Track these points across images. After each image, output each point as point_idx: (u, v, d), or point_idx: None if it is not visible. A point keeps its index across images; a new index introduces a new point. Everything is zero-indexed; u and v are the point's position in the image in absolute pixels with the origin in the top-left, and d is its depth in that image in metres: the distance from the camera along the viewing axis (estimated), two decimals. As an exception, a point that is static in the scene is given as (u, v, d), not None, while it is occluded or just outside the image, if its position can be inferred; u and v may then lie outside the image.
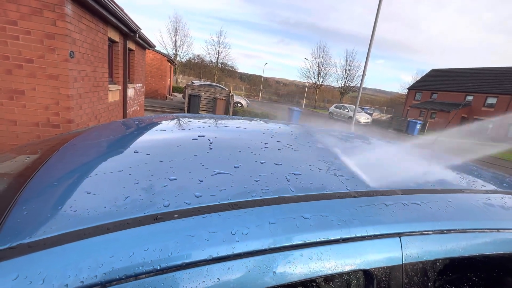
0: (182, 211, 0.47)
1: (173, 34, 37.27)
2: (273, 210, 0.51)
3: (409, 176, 0.80)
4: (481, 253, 0.63)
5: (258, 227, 0.46)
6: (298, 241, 0.46)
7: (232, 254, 0.42)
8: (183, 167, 0.66)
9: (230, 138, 0.98)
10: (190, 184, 0.57)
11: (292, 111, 14.71)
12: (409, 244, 0.55)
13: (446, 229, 0.61)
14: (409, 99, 36.72)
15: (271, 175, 0.65)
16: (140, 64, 8.95)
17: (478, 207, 0.72)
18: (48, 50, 3.60)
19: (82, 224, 0.42)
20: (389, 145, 1.34)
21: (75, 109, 4.09)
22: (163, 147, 0.81)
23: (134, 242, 0.40)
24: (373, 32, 9.48)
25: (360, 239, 0.51)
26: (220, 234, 0.44)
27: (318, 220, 0.51)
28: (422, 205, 0.65)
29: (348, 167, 0.81)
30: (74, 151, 0.78)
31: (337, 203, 0.57)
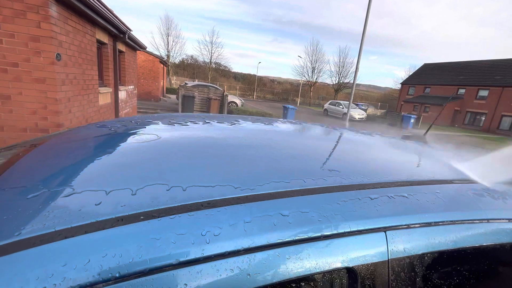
0: (148, 212, 0.44)
1: (165, 35, 37.01)
2: (249, 208, 0.48)
3: (396, 169, 0.78)
4: (471, 245, 0.61)
5: (232, 227, 0.43)
6: (275, 240, 0.43)
7: (202, 257, 0.39)
8: (151, 166, 0.62)
9: (205, 136, 0.94)
10: (159, 183, 0.54)
11: (287, 109, 14.68)
12: (395, 238, 0.52)
13: (434, 221, 0.59)
14: (402, 94, 37.04)
15: (249, 172, 0.62)
16: (131, 65, 8.84)
17: (467, 198, 0.70)
18: (33, 53, 3.51)
19: (34, 231, 0.38)
20: (376, 138, 1.32)
21: (64, 113, 4.01)
22: (131, 147, 0.77)
23: (91, 248, 0.37)
24: (365, 28, 9.51)
25: (343, 235, 0.48)
26: (189, 236, 0.41)
27: (297, 217, 0.48)
28: (409, 197, 0.62)
29: (331, 161, 0.78)
30: (31, 158, 0.74)
31: (319, 198, 0.54)
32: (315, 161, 0.77)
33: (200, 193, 0.51)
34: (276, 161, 0.72)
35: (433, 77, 34.23)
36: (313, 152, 0.88)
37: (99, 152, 0.73)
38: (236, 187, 0.55)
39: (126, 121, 1.10)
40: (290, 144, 0.93)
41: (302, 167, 0.69)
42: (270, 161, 0.72)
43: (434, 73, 34.57)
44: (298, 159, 0.77)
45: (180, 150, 0.75)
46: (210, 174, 0.60)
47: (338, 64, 43.35)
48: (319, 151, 0.90)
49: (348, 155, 0.90)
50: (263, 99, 42.89)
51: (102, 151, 0.74)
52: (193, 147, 0.79)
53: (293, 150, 0.85)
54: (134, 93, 9.60)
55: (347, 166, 0.74)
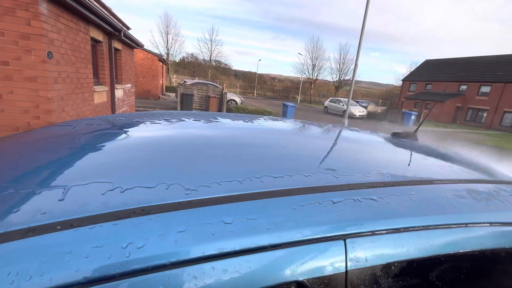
0: (68, 222, 0.39)
1: (164, 33, 36.84)
2: (187, 215, 0.43)
3: (371, 168, 0.72)
4: (445, 252, 0.56)
5: (161, 238, 0.39)
6: (210, 252, 0.39)
7: (118, 273, 0.34)
8: (76, 170, 0.57)
9: (167, 134, 0.89)
10: (91, 188, 0.49)
11: (287, 107, 14.59)
12: (356, 247, 0.47)
13: (404, 227, 0.53)
14: (403, 91, 36.78)
15: (193, 174, 0.57)
16: (128, 64, 8.78)
17: (445, 200, 0.65)
18: (24, 51, 3.47)
19: None
20: (359, 134, 1.26)
21: (57, 111, 3.97)
22: (79, 147, 0.72)
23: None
24: (363, 25, 9.39)
25: (294, 244, 0.43)
26: (106, 249, 0.36)
27: (242, 225, 0.43)
28: (378, 200, 0.57)
29: (300, 160, 0.73)
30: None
31: (272, 202, 0.49)
32: (283, 160, 0.72)
33: (138, 198, 0.46)
34: (235, 161, 0.67)
35: (434, 73, 33.94)
36: (284, 150, 0.82)
37: (32, 153, 0.67)
38: (186, 190, 0.50)
39: (96, 119, 1.05)
40: (259, 142, 0.88)
41: (265, 167, 0.64)
42: (229, 160, 0.67)
43: (436, 70, 34.28)
44: (263, 158, 0.71)
45: (132, 150, 0.70)
46: (156, 175, 0.55)
47: (338, 61, 43.10)
48: (290, 149, 0.85)
49: (321, 154, 0.85)
50: (264, 96, 42.74)
51: (38, 152, 0.69)
52: (149, 146, 0.74)
53: (260, 149, 0.80)
54: (132, 91, 9.55)
55: (317, 165, 0.69)
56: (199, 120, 1.12)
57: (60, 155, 0.66)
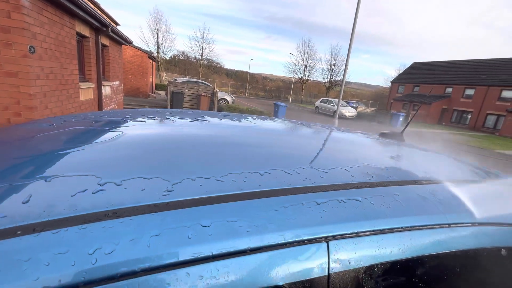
0: (29, 226, 0.36)
1: (154, 30, 36.22)
2: (162, 218, 0.41)
3: (357, 169, 0.72)
4: (429, 253, 0.55)
5: (132, 242, 0.36)
6: (186, 257, 0.36)
7: (82, 282, 0.31)
8: (45, 169, 0.53)
9: (148, 132, 0.86)
10: (61, 189, 0.46)
11: (278, 107, 14.61)
12: (339, 249, 0.46)
13: (388, 228, 0.53)
14: (392, 92, 37.57)
15: (172, 174, 0.54)
16: (116, 60, 8.57)
17: (428, 200, 0.65)
18: (3, 45, 3.31)
19: None
20: (346, 135, 1.26)
21: (39, 108, 3.82)
22: (53, 144, 0.68)
23: None
24: (354, 27, 9.51)
25: (274, 247, 0.42)
26: (70, 256, 0.33)
27: (220, 228, 0.41)
28: (362, 201, 0.56)
29: (284, 160, 0.72)
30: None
31: (254, 204, 0.48)
32: (267, 160, 0.70)
33: (110, 199, 0.43)
34: (217, 160, 0.65)
35: (422, 75, 34.83)
36: (269, 149, 0.81)
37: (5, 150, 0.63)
38: (164, 191, 0.47)
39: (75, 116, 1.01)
40: (243, 141, 0.86)
41: (248, 167, 0.62)
42: (210, 159, 0.65)
43: (423, 72, 35.19)
44: (247, 158, 0.69)
45: (107, 148, 0.67)
46: (133, 175, 0.52)
47: (329, 62, 43.58)
48: (276, 148, 0.84)
49: (307, 154, 0.83)
50: (255, 96, 42.72)
51: (4, 149, 0.64)
52: (127, 144, 0.71)
53: (244, 148, 0.78)
54: (120, 88, 9.33)
55: (303, 165, 0.68)
56: (185, 119, 1.09)
57: (27, 153, 0.62)
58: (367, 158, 0.90)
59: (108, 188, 0.47)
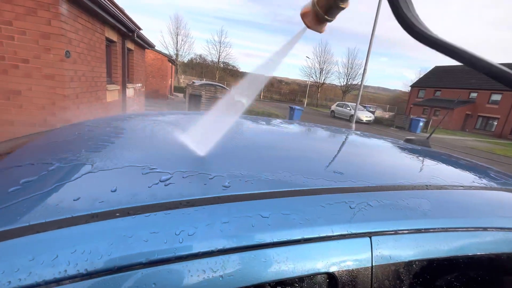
0: (124, 210, 0.44)
1: (174, 34, 37.40)
2: (228, 208, 0.47)
3: (389, 172, 0.76)
4: (464, 254, 0.59)
5: (208, 227, 0.43)
6: (252, 242, 0.43)
7: (173, 256, 0.38)
8: (130, 163, 0.62)
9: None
10: (138, 181, 0.54)
11: (293, 110, 14.61)
12: (380, 244, 0.51)
13: (425, 228, 0.57)
14: (412, 97, 36.42)
15: (233, 172, 0.62)
16: (140, 64, 8.96)
17: (462, 204, 0.68)
18: (43, 50, 3.59)
19: (7, 225, 0.39)
20: (374, 140, 1.29)
21: (72, 109, 4.09)
22: (115, 144, 0.77)
23: (61, 243, 0.37)
24: (373, 30, 9.38)
25: (325, 239, 0.47)
26: (162, 235, 0.40)
27: (277, 219, 0.47)
28: (399, 202, 0.61)
29: (321, 162, 0.77)
30: (16, 154, 0.74)
31: (302, 200, 0.53)
32: (305, 162, 0.76)
33: (181, 191, 0.50)
34: (263, 161, 0.72)
35: (444, 80, 33.54)
36: (304, 152, 0.86)
37: (80, 149, 0.73)
38: (223, 187, 0.54)
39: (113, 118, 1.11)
40: (281, 144, 0.92)
41: (290, 168, 0.68)
42: (257, 160, 0.72)
43: (445, 76, 33.86)
44: (287, 160, 0.75)
45: (171, 147, 0.75)
46: (195, 171, 0.59)
47: (346, 66, 43.02)
48: (310, 151, 0.89)
49: (341, 157, 0.88)
50: (270, 99, 42.84)
51: (85, 147, 0.74)
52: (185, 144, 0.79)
53: (282, 151, 0.84)
54: (142, 90, 9.72)
55: (338, 168, 0.73)
56: (220, 121, 1.17)
57: (106, 150, 0.71)
58: (401, 162, 0.94)
59: (176, 181, 0.54)
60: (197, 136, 0.83)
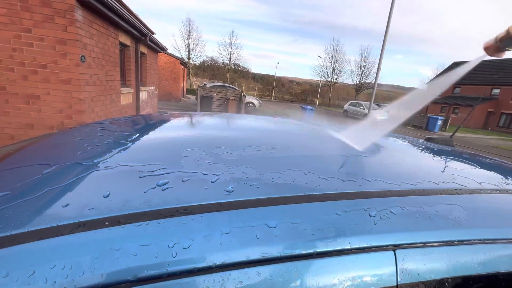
0: (115, 218, 0.40)
1: (186, 37, 37.97)
2: (230, 216, 0.42)
3: (415, 174, 0.68)
4: (506, 270, 0.51)
5: (206, 239, 0.38)
6: (256, 256, 0.37)
7: (165, 273, 0.34)
8: (115, 167, 0.58)
9: (189, 135, 0.90)
10: (134, 185, 0.50)
11: (305, 110, 14.44)
12: (406, 259, 0.44)
13: (458, 239, 0.49)
14: (429, 95, 35.01)
15: (237, 175, 0.57)
16: (153, 67, 9.13)
17: (500, 211, 0.60)
18: (60, 56, 3.71)
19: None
20: (394, 139, 1.20)
21: (88, 112, 4.20)
22: (114, 147, 0.74)
23: (41, 257, 0.33)
24: (388, 26, 9.09)
25: (341, 253, 0.41)
26: (153, 248, 0.36)
27: (286, 229, 0.42)
28: (426, 209, 0.54)
29: (336, 165, 0.70)
30: (10, 159, 0.72)
31: (315, 207, 0.48)
32: (318, 163, 0.69)
33: (178, 197, 0.46)
34: (272, 163, 0.66)
35: (463, 76, 32.04)
36: (317, 153, 0.80)
37: (75, 152, 0.70)
38: (226, 191, 0.49)
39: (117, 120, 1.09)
40: (291, 144, 0.86)
41: (301, 171, 0.62)
42: (265, 162, 0.66)
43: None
44: (298, 161, 0.70)
45: (167, 149, 0.71)
46: (195, 175, 0.55)
47: (359, 64, 42.10)
48: (323, 152, 0.83)
49: (358, 158, 0.81)
50: (281, 99, 42.62)
51: (80, 151, 0.71)
52: (183, 145, 0.75)
53: (292, 152, 0.78)
54: (155, 93, 9.90)
55: (355, 170, 0.66)
56: (228, 121, 1.13)
57: (99, 153, 0.68)
58: (425, 163, 0.85)
59: (174, 186, 0.50)
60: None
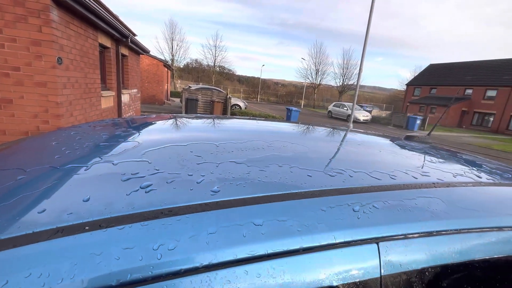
0: (96, 222, 0.38)
1: (169, 39, 37.43)
2: (216, 216, 0.42)
3: (395, 171, 0.70)
4: (481, 257, 0.53)
5: (192, 239, 0.37)
6: (243, 255, 0.37)
7: (150, 276, 0.33)
8: (96, 170, 0.56)
9: (172, 137, 0.88)
10: (116, 189, 0.48)
11: (290, 111, 14.59)
12: (389, 251, 0.45)
13: (436, 230, 0.51)
14: (408, 95, 36.57)
15: (222, 174, 0.56)
16: (135, 69, 8.90)
17: (474, 202, 0.63)
18: (35, 57, 3.53)
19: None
20: (374, 138, 1.24)
21: (66, 116, 4.02)
22: (91, 149, 0.72)
23: (14, 266, 0.31)
24: (368, 30, 9.41)
25: (326, 247, 0.42)
26: (137, 251, 0.35)
27: (272, 227, 0.42)
28: (407, 202, 0.55)
29: (320, 162, 0.72)
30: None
31: (301, 204, 0.48)
32: (303, 162, 0.70)
33: (163, 199, 0.45)
34: (258, 163, 0.66)
35: (439, 77, 33.74)
36: (301, 152, 0.81)
37: (52, 157, 0.67)
38: (212, 192, 0.49)
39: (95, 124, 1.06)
40: (276, 144, 0.87)
41: (286, 169, 0.63)
42: (251, 162, 0.66)
43: (440, 74, 34.09)
44: (283, 160, 0.70)
45: (150, 151, 0.69)
46: (180, 176, 0.54)
47: (342, 66, 43.21)
48: (308, 151, 0.84)
49: (341, 156, 0.83)
50: (267, 101, 42.88)
51: (55, 155, 0.68)
52: (168, 147, 0.73)
53: (278, 151, 0.79)
54: (138, 96, 9.65)
55: (339, 167, 0.68)
56: (213, 123, 1.12)
57: (78, 157, 0.65)
58: (404, 160, 0.89)
59: (158, 187, 0.49)
60: None
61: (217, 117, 1.30)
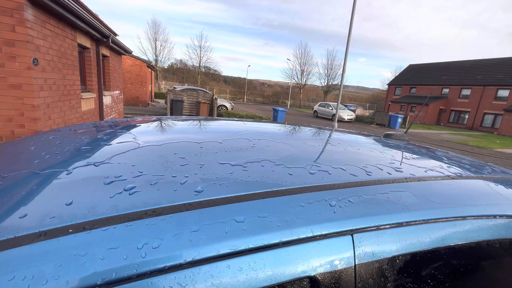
0: (79, 225, 0.38)
1: (152, 39, 36.60)
2: (199, 215, 0.43)
3: (369, 167, 0.75)
4: (445, 245, 0.58)
5: (175, 237, 0.39)
6: (225, 250, 0.39)
7: (135, 274, 0.34)
8: (79, 174, 0.56)
9: (157, 139, 0.89)
10: (99, 192, 0.49)
11: (277, 111, 14.71)
12: (362, 242, 0.49)
13: (406, 221, 0.55)
14: (389, 95, 37.86)
15: (206, 175, 0.58)
16: (117, 70, 8.66)
17: (441, 195, 0.68)
18: (8, 58, 3.36)
19: None
20: (353, 136, 1.29)
21: (43, 119, 3.85)
22: (71, 152, 0.71)
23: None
24: (350, 31, 9.67)
25: (304, 241, 0.44)
26: (121, 250, 0.36)
27: (253, 223, 0.44)
28: (379, 196, 0.59)
29: (299, 160, 0.75)
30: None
31: (280, 201, 0.50)
32: (283, 161, 0.73)
33: (147, 200, 0.46)
34: (240, 163, 0.68)
35: (418, 77, 35.19)
36: (281, 151, 0.84)
37: (31, 161, 0.65)
38: (195, 192, 0.50)
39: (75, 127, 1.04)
40: (257, 144, 0.89)
41: (268, 168, 0.65)
42: (234, 162, 0.68)
43: (419, 74, 35.56)
44: (264, 160, 0.72)
45: (131, 153, 0.70)
46: (163, 177, 0.55)
47: (326, 67, 44.06)
48: (288, 150, 0.87)
49: (319, 154, 0.87)
50: (254, 102, 42.98)
51: (35, 160, 0.67)
52: (149, 149, 0.74)
53: (259, 151, 0.81)
54: (120, 98, 9.39)
55: (317, 165, 0.71)
56: (197, 124, 1.12)
57: (59, 161, 0.64)
58: (379, 157, 0.93)
59: (142, 189, 0.50)
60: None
61: (203, 119, 1.30)
